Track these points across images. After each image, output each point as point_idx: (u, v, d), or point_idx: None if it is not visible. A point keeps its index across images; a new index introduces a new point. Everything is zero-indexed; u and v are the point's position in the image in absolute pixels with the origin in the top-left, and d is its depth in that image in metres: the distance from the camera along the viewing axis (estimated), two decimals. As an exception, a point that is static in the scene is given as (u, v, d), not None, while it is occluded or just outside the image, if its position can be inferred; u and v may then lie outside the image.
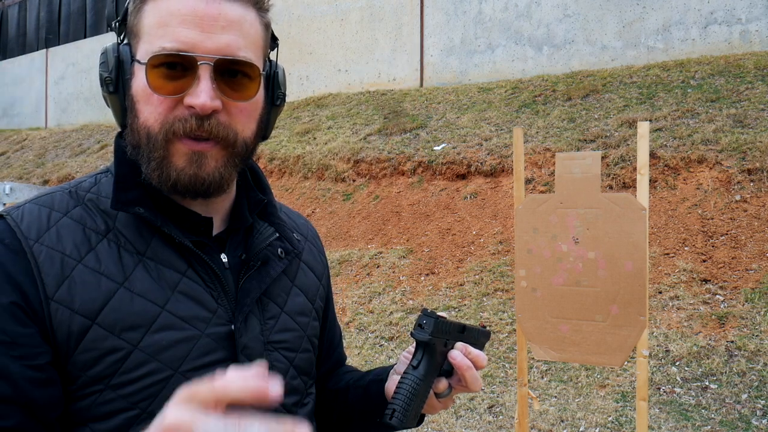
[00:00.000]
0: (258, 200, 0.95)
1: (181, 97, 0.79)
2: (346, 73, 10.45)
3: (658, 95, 6.80)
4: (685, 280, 4.74)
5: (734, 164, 5.46)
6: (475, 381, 0.92)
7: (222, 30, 0.79)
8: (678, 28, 7.65)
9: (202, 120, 0.79)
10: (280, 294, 0.93)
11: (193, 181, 0.81)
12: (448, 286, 5.52)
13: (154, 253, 0.83)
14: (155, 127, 0.80)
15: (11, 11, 17.86)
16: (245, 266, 0.89)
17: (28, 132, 15.00)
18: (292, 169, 8.35)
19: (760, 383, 3.77)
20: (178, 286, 0.83)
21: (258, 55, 0.85)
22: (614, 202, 2.26)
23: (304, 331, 0.95)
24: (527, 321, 2.40)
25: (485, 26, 9.12)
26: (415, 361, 0.90)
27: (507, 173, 6.59)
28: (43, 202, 0.84)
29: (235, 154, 0.84)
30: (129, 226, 0.84)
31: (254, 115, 0.86)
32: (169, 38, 0.78)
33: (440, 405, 0.96)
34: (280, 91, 0.91)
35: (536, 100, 7.66)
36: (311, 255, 1.04)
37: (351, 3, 10.44)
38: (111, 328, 0.78)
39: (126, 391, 0.78)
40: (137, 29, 0.82)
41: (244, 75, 0.82)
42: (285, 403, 0.90)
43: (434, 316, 0.91)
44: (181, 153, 0.81)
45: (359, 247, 6.57)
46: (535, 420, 3.77)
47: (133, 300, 0.80)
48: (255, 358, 0.86)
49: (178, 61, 0.78)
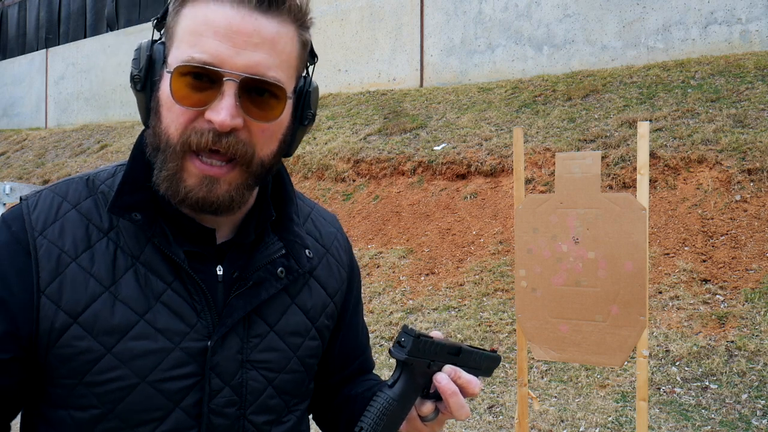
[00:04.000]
0: (267, 216, 0.92)
1: (202, 111, 0.78)
2: (346, 73, 10.45)
3: (658, 95, 6.80)
4: (685, 280, 4.74)
5: (734, 164, 5.46)
6: (460, 408, 0.86)
7: (254, 47, 0.77)
8: (678, 28, 7.65)
9: (220, 136, 0.78)
10: (274, 313, 0.91)
11: (202, 202, 0.81)
12: (448, 286, 5.52)
13: (147, 259, 0.84)
14: (174, 136, 0.80)
15: (11, 11, 17.86)
16: (238, 283, 0.88)
17: (28, 132, 15.00)
18: (292, 169, 8.36)
19: (760, 383, 3.77)
20: (162, 297, 0.84)
21: (290, 75, 0.83)
22: (614, 202, 2.26)
23: (293, 352, 0.93)
24: (527, 321, 2.40)
25: (485, 26, 9.12)
26: (391, 379, 0.86)
27: (507, 173, 6.59)
28: (59, 190, 0.87)
29: (249, 174, 0.83)
30: (129, 228, 0.85)
31: (277, 135, 0.84)
32: (200, 48, 0.77)
33: (427, 429, 0.91)
34: (310, 111, 0.89)
35: (536, 100, 7.66)
36: (327, 270, 1.00)
37: (351, 3, 10.44)
38: (89, 329, 0.81)
39: (97, 391, 0.82)
40: (173, 32, 0.81)
41: (272, 95, 0.80)
42: (255, 421, 0.89)
43: (414, 334, 0.84)
44: (193, 174, 0.80)
45: (359, 247, 6.57)
46: (535, 420, 3.77)
47: (115, 305, 0.82)
48: (226, 376, 0.86)
49: (204, 73, 0.77)
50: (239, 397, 0.87)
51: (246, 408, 0.88)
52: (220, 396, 0.86)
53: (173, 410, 0.83)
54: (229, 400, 0.86)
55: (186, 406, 0.84)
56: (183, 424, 0.84)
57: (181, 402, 0.84)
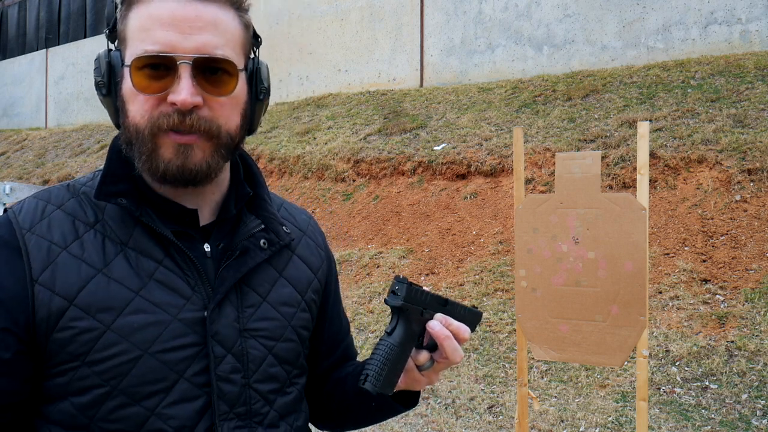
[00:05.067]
0: (245, 193, 0.98)
1: (164, 95, 0.84)
2: (346, 73, 10.45)
3: (658, 95, 6.80)
4: (685, 280, 4.74)
5: (734, 164, 5.46)
6: (454, 351, 0.92)
7: (199, 30, 0.84)
8: (678, 28, 7.65)
9: (184, 115, 0.84)
10: (263, 284, 0.96)
11: (180, 170, 0.86)
12: (448, 286, 5.52)
13: (135, 242, 0.89)
14: (142, 123, 0.85)
15: (11, 11, 17.86)
16: (225, 255, 0.93)
17: (28, 132, 15.00)
18: (292, 169, 8.35)
19: (760, 383, 3.77)
20: (155, 275, 0.88)
21: (237, 53, 0.89)
22: (614, 202, 2.26)
23: (287, 321, 0.97)
24: (527, 321, 2.40)
25: (485, 26, 9.12)
26: (389, 327, 0.91)
27: (507, 173, 6.59)
28: (42, 196, 0.92)
29: (220, 145, 0.88)
30: (115, 218, 0.89)
31: (237, 109, 0.90)
32: (151, 41, 0.83)
33: (424, 379, 0.97)
34: (263, 85, 0.94)
35: (536, 100, 7.66)
36: (308, 249, 1.06)
37: (351, 3, 10.44)
38: (87, 309, 0.84)
39: (99, 369, 0.84)
40: (124, 35, 0.88)
41: (224, 71, 0.86)
42: (261, 390, 0.92)
43: (406, 281, 0.90)
44: (168, 145, 0.86)
45: (359, 247, 6.57)
46: (535, 420, 3.77)
47: (109, 284, 0.85)
48: (227, 343, 0.89)
49: (159, 62, 0.83)
50: (242, 365, 0.90)
51: (250, 376, 0.91)
52: (225, 363, 0.89)
53: (178, 381, 0.86)
54: (233, 367, 0.89)
55: (190, 375, 0.87)
56: (188, 393, 0.86)
57: (185, 372, 0.86)
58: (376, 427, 3.90)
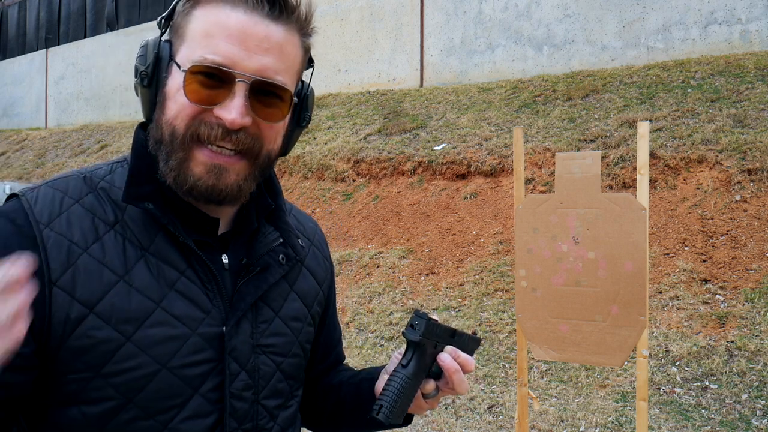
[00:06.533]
0: (266, 205, 0.97)
1: (212, 108, 0.82)
2: (346, 73, 10.45)
3: (658, 95, 6.80)
4: (685, 280, 4.74)
5: (734, 164, 5.46)
6: (461, 384, 0.94)
7: (264, 52, 0.82)
8: (678, 28, 7.65)
9: (229, 132, 0.82)
10: (277, 299, 0.95)
11: (210, 191, 0.84)
12: (448, 286, 5.52)
13: (157, 249, 0.86)
14: (181, 126, 0.83)
15: (11, 11, 17.86)
16: (245, 270, 0.91)
17: (28, 132, 15.00)
18: (292, 169, 8.36)
19: (760, 383, 3.77)
20: (176, 285, 0.85)
21: (293, 79, 0.88)
22: (614, 202, 2.26)
23: (296, 337, 0.97)
24: (527, 321, 2.40)
25: (485, 26, 9.12)
26: (405, 360, 0.93)
27: (507, 173, 6.59)
28: (58, 186, 0.87)
29: (257, 166, 0.87)
30: (136, 220, 0.86)
31: (280, 134, 0.90)
32: (213, 50, 0.80)
33: (427, 405, 0.98)
34: (307, 113, 0.94)
35: (536, 100, 7.66)
36: (315, 260, 1.05)
37: (351, 3, 10.44)
38: (107, 318, 0.81)
39: (115, 381, 0.81)
40: (182, 31, 0.84)
41: (277, 97, 0.84)
42: (267, 405, 0.92)
43: (426, 317, 0.93)
44: (201, 161, 0.83)
45: (359, 247, 6.57)
46: (535, 420, 3.77)
47: (130, 294, 0.82)
48: (242, 360, 0.89)
49: (217, 73, 0.81)
50: (253, 381, 0.90)
51: (259, 392, 0.91)
52: (239, 380, 0.88)
53: (192, 396, 0.85)
54: (246, 384, 0.89)
55: (205, 391, 0.86)
56: (202, 409, 0.86)
57: (200, 387, 0.85)
58: (376, 427, 3.90)
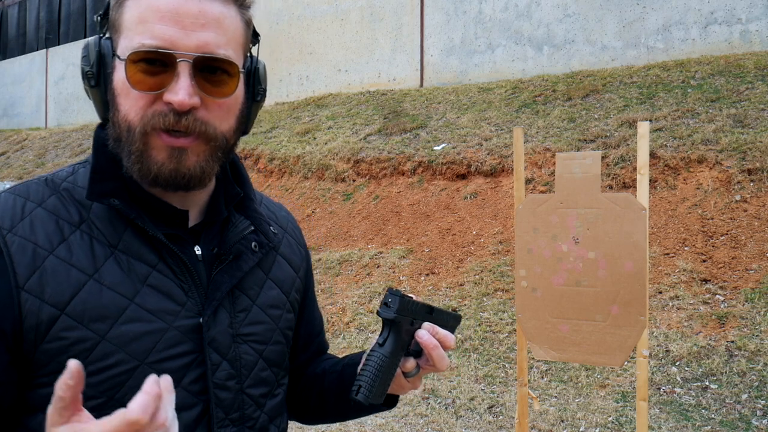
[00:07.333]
0: (235, 193, 0.96)
1: (160, 93, 0.80)
2: (346, 73, 10.45)
3: (658, 95, 6.80)
4: (685, 280, 4.74)
5: (734, 164, 5.46)
6: (441, 359, 0.93)
7: (202, 27, 0.80)
8: (678, 28, 7.65)
9: (180, 116, 0.80)
10: (253, 287, 0.94)
11: (174, 175, 0.83)
12: (448, 286, 5.52)
13: (126, 245, 0.84)
14: (135, 121, 0.81)
15: (11, 11, 17.87)
16: (218, 259, 0.90)
17: (28, 132, 15.00)
18: (292, 169, 8.35)
19: (760, 383, 3.77)
20: (148, 279, 0.84)
21: (238, 52, 0.86)
22: (614, 202, 2.26)
23: (275, 324, 0.96)
24: (527, 321, 2.40)
25: (485, 26, 9.12)
26: (381, 338, 0.92)
27: (507, 173, 6.59)
28: (19, 192, 0.86)
29: (216, 148, 0.85)
30: (102, 218, 0.85)
31: (233, 111, 0.87)
32: (149, 35, 0.79)
33: (409, 385, 0.97)
34: (261, 87, 0.92)
35: (536, 100, 7.66)
36: (289, 248, 1.05)
37: (351, 3, 10.44)
38: (79, 318, 0.79)
39: (93, 380, 0.79)
40: (118, 24, 0.83)
41: (224, 72, 0.83)
42: (253, 394, 0.92)
43: (399, 294, 0.92)
44: (160, 147, 0.82)
45: (359, 247, 6.57)
46: (535, 420, 3.77)
47: (102, 292, 0.81)
48: (222, 350, 0.88)
49: (157, 57, 0.79)
50: (236, 371, 0.89)
51: (243, 381, 0.90)
52: (221, 370, 0.88)
53: (175, 390, 0.83)
54: (228, 374, 0.88)
55: (186, 384, 0.85)
56: (185, 402, 0.85)
57: (181, 381, 0.84)
58: (377, 427, 3.90)
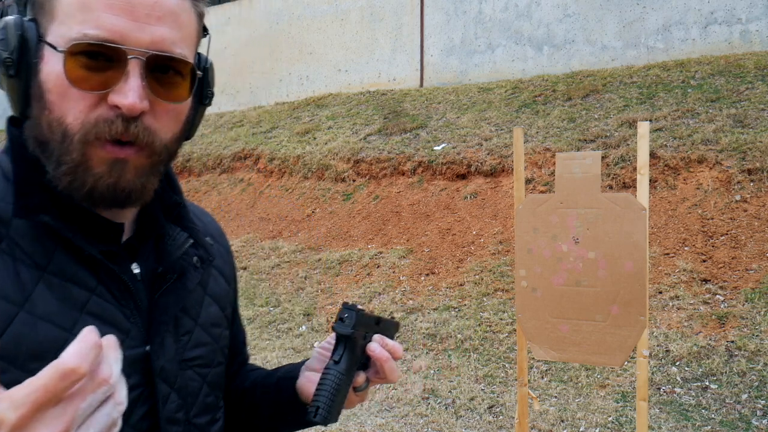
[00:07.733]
0: (172, 202, 0.85)
1: (104, 94, 0.69)
2: (346, 73, 10.46)
3: (658, 95, 6.80)
4: (685, 280, 4.74)
5: (734, 164, 5.46)
6: (392, 372, 0.91)
7: (157, 21, 0.69)
8: (678, 28, 7.65)
9: (129, 123, 0.69)
10: (194, 306, 0.85)
11: (112, 190, 0.71)
12: (448, 286, 5.52)
13: (58, 267, 0.72)
14: (74, 126, 0.69)
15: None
16: (161, 279, 0.80)
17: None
18: (292, 169, 8.36)
19: (760, 383, 3.78)
20: (87, 306, 0.72)
21: (192, 51, 0.76)
22: (614, 202, 2.26)
23: (217, 344, 0.88)
24: (527, 321, 2.40)
25: (485, 26, 9.12)
26: (336, 355, 0.88)
27: (507, 173, 6.59)
28: None
29: (158, 161, 0.75)
30: (26, 236, 0.71)
31: (180, 117, 0.76)
32: (93, 24, 0.67)
33: (357, 399, 0.93)
34: (210, 89, 0.82)
35: (536, 100, 7.67)
36: (221, 258, 0.95)
37: (351, 3, 10.44)
38: (12, 359, 0.67)
39: None
40: (50, 6, 0.70)
41: (177, 73, 0.72)
42: (199, 423, 0.84)
43: (355, 309, 0.88)
44: (102, 159, 0.70)
45: (359, 247, 6.57)
46: (535, 420, 3.77)
47: (36, 325, 0.68)
48: (170, 379, 0.79)
49: (103, 51, 0.67)
50: (183, 401, 0.81)
51: (189, 411, 0.82)
52: (170, 402, 0.79)
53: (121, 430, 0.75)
54: (177, 405, 0.80)
55: (134, 422, 0.75)
56: None
57: (129, 419, 0.73)
58: (377, 427, 3.90)
